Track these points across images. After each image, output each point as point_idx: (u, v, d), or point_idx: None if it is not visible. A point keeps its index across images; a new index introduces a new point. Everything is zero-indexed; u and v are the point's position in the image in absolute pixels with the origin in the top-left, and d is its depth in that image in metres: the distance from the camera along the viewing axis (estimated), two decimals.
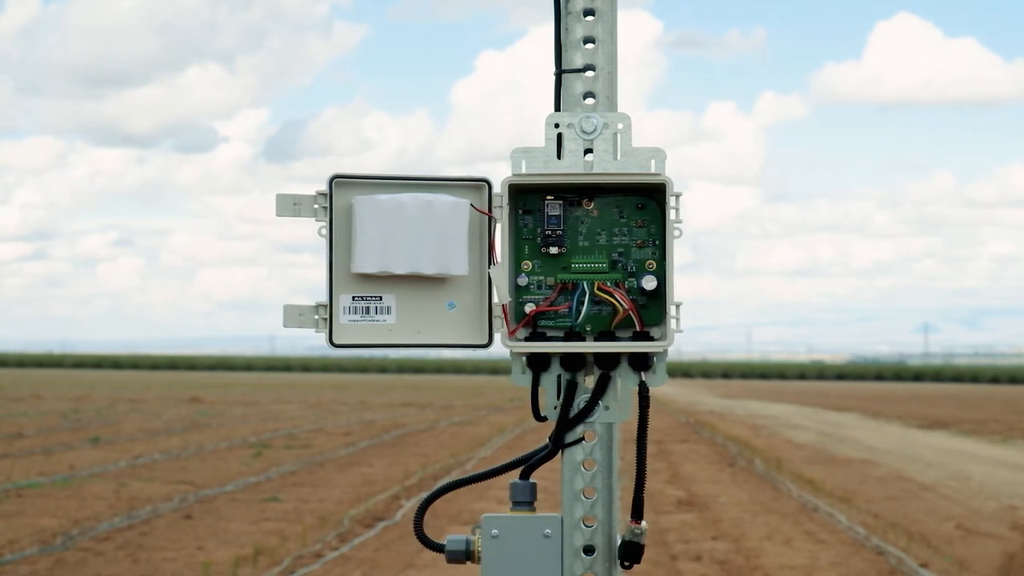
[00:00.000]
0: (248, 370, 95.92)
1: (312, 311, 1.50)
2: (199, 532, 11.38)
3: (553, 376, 1.51)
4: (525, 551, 1.51)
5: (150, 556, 10.14)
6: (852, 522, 12.40)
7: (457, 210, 1.50)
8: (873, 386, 72.09)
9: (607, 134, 1.50)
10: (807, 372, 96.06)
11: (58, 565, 9.72)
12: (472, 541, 1.52)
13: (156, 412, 30.60)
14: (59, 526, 11.43)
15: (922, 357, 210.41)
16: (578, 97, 1.53)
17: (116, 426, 25.21)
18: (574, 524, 1.51)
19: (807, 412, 37.12)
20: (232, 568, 9.56)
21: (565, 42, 1.54)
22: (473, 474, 1.58)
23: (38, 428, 24.08)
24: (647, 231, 1.52)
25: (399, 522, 11.95)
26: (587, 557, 1.51)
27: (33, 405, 33.09)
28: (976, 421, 31.48)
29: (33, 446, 19.95)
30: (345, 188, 1.50)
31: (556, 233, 1.52)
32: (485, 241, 1.51)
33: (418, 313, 1.52)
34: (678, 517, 12.60)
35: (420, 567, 9.62)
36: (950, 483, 16.68)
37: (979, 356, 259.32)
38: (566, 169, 1.50)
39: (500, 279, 1.49)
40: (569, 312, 1.51)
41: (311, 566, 9.74)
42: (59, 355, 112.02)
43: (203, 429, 24.79)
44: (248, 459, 18.24)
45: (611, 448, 1.53)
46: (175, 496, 13.69)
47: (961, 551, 11.03)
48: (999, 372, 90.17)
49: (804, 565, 10.20)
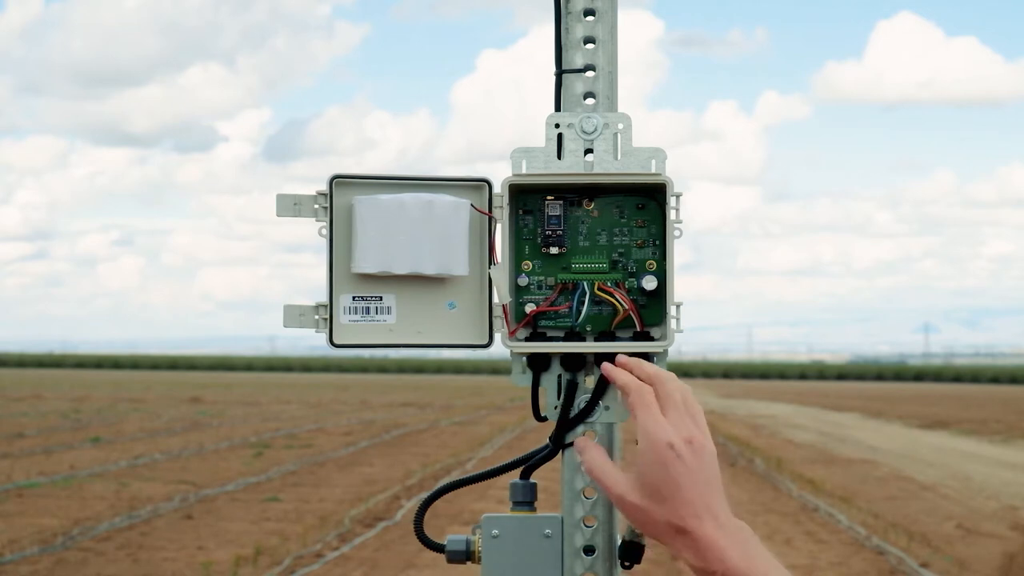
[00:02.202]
0: (248, 370, 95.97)
1: (312, 311, 1.50)
2: (199, 532, 11.38)
3: (553, 376, 1.51)
4: (525, 551, 1.51)
5: (150, 556, 10.14)
6: (852, 522, 12.41)
7: (457, 210, 1.50)
8: (873, 386, 72.12)
9: (607, 134, 1.50)
10: (808, 372, 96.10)
11: (59, 565, 9.73)
12: (472, 541, 1.52)
13: (156, 412, 30.61)
14: (59, 526, 11.44)
15: (923, 357, 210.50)
16: (578, 97, 1.53)
17: (116, 426, 25.22)
18: (574, 524, 1.51)
19: (808, 412, 37.13)
20: (232, 568, 9.57)
21: (565, 42, 1.54)
22: (473, 474, 1.57)
23: (39, 428, 24.09)
24: (647, 231, 1.52)
25: (399, 522, 11.96)
26: (587, 557, 1.51)
27: (34, 405, 33.10)
28: (977, 421, 31.49)
29: (34, 446, 19.96)
30: (345, 188, 1.50)
31: (556, 233, 1.52)
32: (485, 241, 1.51)
33: (418, 313, 1.52)
34: None
35: (420, 567, 9.62)
36: (950, 483, 16.68)
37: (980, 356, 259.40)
38: (566, 169, 1.50)
39: (500, 279, 1.49)
40: (569, 312, 1.51)
41: (311, 566, 9.74)
42: (59, 355, 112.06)
43: (203, 429, 24.80)
44: (249, 459, 18.24)
45: (612, 448, 1.53)
46: (175, 496, 13.70)
47: (961, 551, 11.03)
48: (999, 372, 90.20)
49: (804, 565, 10.21)
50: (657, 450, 1.35)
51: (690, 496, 1.34)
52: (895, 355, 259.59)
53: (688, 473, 1.35)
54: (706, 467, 1.36)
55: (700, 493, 1.35)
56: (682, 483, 1.34)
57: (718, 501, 1.36)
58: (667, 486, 1.35)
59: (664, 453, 1.35)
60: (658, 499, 1.35)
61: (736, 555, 1.33)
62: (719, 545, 1.33)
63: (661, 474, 1.35)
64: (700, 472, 1.35)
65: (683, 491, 1.34)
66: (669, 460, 1.35)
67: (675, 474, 1.34)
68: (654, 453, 1.35)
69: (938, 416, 33.85)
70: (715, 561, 1.33)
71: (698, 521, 1.34)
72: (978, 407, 40.26)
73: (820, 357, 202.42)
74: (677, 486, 1.34)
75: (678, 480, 1.34)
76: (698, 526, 1.34)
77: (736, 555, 1.33)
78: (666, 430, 1.36)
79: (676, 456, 1.35)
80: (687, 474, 1.35)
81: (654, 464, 1.35)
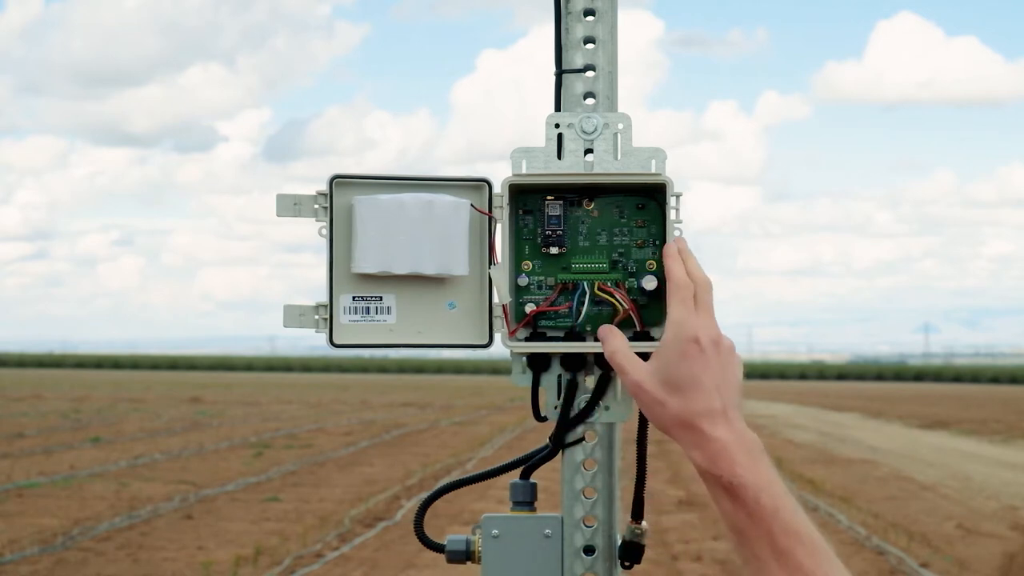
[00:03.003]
0: (248, 370, 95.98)
1: (312, 311, 1.50)
2: (199, 532, 11.38)
3: (553, 376, 1.51)
4: (525, 551, 1.51)
5: (150, 556, 10.14)
6: (852, 522, 12.41)
7: (457, 210, 1.50)
8: (874, 386, 72.13)
9: (607, 134, 1.50)
10: (808, 372, 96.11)
11: (59, 565, 9.73)
12: (472, 541, 1.52)
13: (156, 412, 30.62)
14: (59, 526, 11.44)
15: (923, 357, 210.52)
16: (578, 97, 1.53)
17: (116, 426, 25.23)
18: (574, 524, 1.51)
19: (808, 412, 37.14)
20: (232, 568, 9.57)
21: (565, 42, 1.54)
22: (473, 474, 1.57)
23: (39, 428, 24.09)
24: (647, 231, 1.52)
25: (399, 522, 11.96)
26: (587, 557, 1.51)
27: (34, 405, 33.10)
28: (976, 421, 31.50)
29: (34, 446, 19.96)
30: (345, 188, 1.50)
31: (556, 233, 1.52)
32: (485, 241, 1.51)
33: (418, 313, 1.52)
34: (679, 517, 12.61)
35: (420, 567, 9.63)
36: (950, 483, 16.69)
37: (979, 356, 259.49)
38: (566, 169, 1.50)
39: (500, 279, 1.49)
40: (569, 312, 1.51)
41: (311, 566, 9.74)
42: (59, 355, 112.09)
43: (203, 429, 24.81)
44: (249, 459, 18.25)
45: (612, 448, 1.53)
46: (175, 496, 13.70)
47: (961, 551, 11.03)
48: (999, 372, 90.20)
49: None
50: (682, 341, 1.34)
51: (707, 393, 1.32)
52: (895, 355, 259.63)
53: (709, 370, 1.33)
54: (728, 369, 1.34)
55: (719, 393, 1.32)
56: (702, 379, 1.32)
57: (734, 406, 1.33)
58: (686, 379, 1.33)
59: (688, 346, 1.33)
60: (675, 391, 1.33)
61: (745, 462, 1.29)
62: (728, 449, 1.30)
63: (682, 366, 1.33)
64: (721, 372, 1.33)
65: (701, 387, 1.32)
66: (692, 353, 1.33)
67: (696, 368, 1.33)
68: (679, 344, 1.34)
69: (938, 416, 33.85)
70: (723, 464, 1.29)
71: (711, 420, 1.31)
72: (978, 407, 40.26)
73: (820, 357, 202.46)
74: (696, 381, 1.32)
75: (698, 375, 1.32)
76: (711, 426, 1.31)
77: (745, 462, 1.29)
78: (695, 325, 1.35)
79: (700, 350, 1.33)
80: (708, 371, 1.33)
81: (677, 355, 1.34)
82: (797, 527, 1.28)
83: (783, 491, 1.29)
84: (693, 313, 1.36)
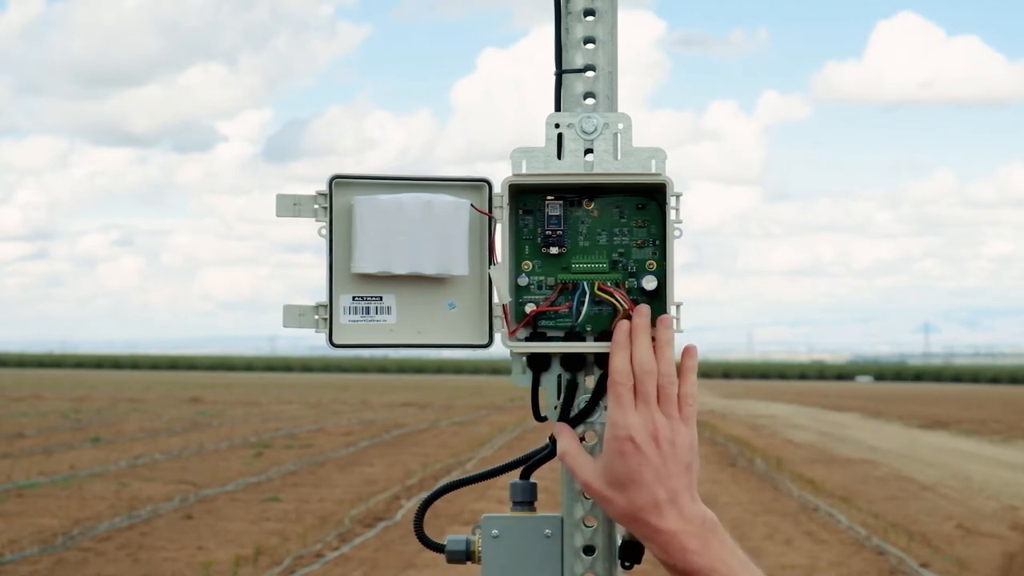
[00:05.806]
0: (248, 370, 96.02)
1: (312, 311, 1.50)
2: (199, 532, 11.38)
3: (553, 376, 1.51)
4: (525, 551, 1.51)
5: (150, 556, 10.14)
6: (852, 522, 12.41)
7: (457, 210, 1.49)
8: (873, 386, 72.12)
9: (607, 134, 1.50)
10: (808, 372, 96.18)
11: (59, 565, 9.73)
12: (472, 541, 1.52)
13: (156, 412, 30.62)
14: (59, 526, 11.44)
15: (923, 357, 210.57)
16: (578, 97, 1.53)
17: (116, 426, 25.23)
18: (574, 524, 1.51)
19: (808, 412, 37.14)
20: (232, 568, 9.57)
21: (565, 42, 1.54)
22: (473, 474, 1.57)
23: (39, 428, 24.09)
24: (647, 231, 1.52)
25: (399, 522, 11.96)
26: (587, 557, 1.51)
27: (34, 405, 33.10)
28: (976, 421, 31.50)
29: (34, 446, 19.96)
30: (345, 188, 1.50)
31: (556, 233, 1.52)
32: (485, 241, 1.51)
33: (418, 313, 1.51)
34: None
35: (420, 567, 9.63)
36: (950, 483, 16.68)
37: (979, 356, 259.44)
38: (566, 169, 1.50)
39: (500, 279, 1.49)
40: (569, 312, 1.51)
41: (311, 566, 9.74)
42: (59, 355, 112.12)
43: (203, 429, 24.81)
44: (248, 459, 18.24)
45: None
46: (175, 496, 13.70)
47: (961, 551, 11.03)
48: (999, 372, 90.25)
49: (804, 565, 10.21)
50: (619, 440, 1.38)
51: (649, 488, 1.37)
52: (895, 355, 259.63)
53: (648, 466, 1.37)
54: (670, 459, 1.38)
55: (662, 485, 1.37)
56: (642, 475, 1.37)
57: (684, 489, 1.38)
58: (626, 478, 1.38)
59: (624, 445, 1.38)
60: (619, 488, 1.38)
61: (696, 547, 1.35)
62: (678, 538, 1.36)
63: (621, 465, 1.38)
64: (663, 464, 1.37)
65: (642, 483, 1.37)
66: (629, 451, 1.38)
67: (634, 466, 1.37)
68: (616, 443, 1.39)
69: (938, 416, 33.85)
70: (675, 553, 1.36)
71: (657, 513, 1.37)
72: (978, 407, 40.27)
73: (820, 357, 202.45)
74: (636, 478, 1.37)
75: (637, 472, 1.37)
76: (657, 519, 1.37)
77: (696, 547, 1.35)
78: (629, 424, 1.38)
79: (636, 449, 1.37)
80: (647, 466, 1.37)
81: (615, 455, 1.39)
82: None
83: (739, 563, 1.36)
84: (630, 410, 1.40)
